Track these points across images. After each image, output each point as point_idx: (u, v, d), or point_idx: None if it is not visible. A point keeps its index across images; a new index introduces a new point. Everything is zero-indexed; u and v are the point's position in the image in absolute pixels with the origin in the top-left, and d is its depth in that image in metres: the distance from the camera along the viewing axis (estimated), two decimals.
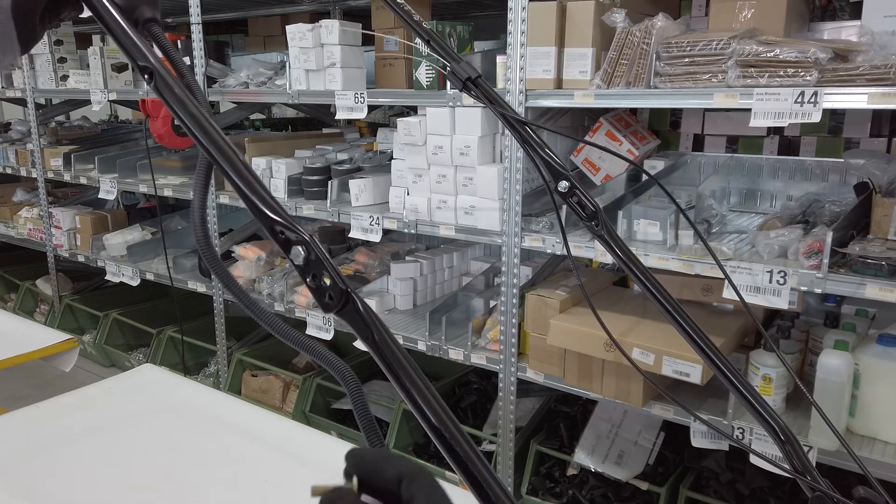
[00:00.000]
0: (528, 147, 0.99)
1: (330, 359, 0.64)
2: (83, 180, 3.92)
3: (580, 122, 2.66)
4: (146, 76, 0.65)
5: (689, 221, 1.13)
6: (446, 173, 2.46)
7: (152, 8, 0.68)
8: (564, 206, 2.08)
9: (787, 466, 0.82)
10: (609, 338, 1.00)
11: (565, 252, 1.05)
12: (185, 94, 0.64)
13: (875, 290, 1.72)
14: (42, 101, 4.43)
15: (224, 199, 3.29)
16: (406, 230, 2.61)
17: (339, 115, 2.68)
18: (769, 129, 2.49)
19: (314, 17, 3.77)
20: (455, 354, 2.54)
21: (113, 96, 3.59)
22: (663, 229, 2.11)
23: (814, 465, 0.81)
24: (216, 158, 0.64)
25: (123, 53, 0.67)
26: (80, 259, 4.06)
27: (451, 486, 1.38)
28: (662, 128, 2.71)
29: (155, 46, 0.69)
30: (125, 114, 6.16)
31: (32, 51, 3.96)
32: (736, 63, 1.86)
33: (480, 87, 1.02)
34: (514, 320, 2.40)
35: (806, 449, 1.84)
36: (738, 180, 2.56)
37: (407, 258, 3.07)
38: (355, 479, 0.51)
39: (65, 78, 3.95)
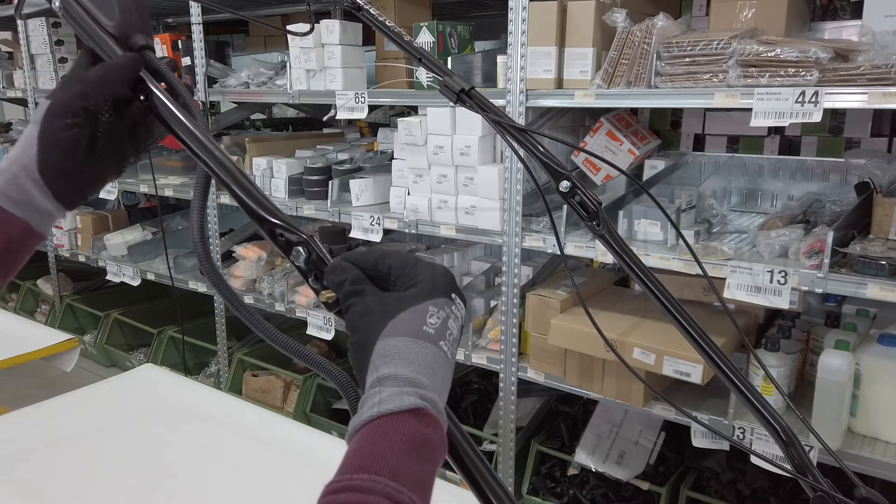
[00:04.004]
0: (526, 151, 0.99)
1: (327, 367, 0.64)
2: None
3: (581, 121, 2.66)
4: (142, 96, 0.70)
5: (674, 226, 1.13)
6: (447, 173, 2.46)
7: (145, 36, 0.73)
8: (565, 208, 2.07)
9: (788, 466, 0.82)
10: (605, 342, 1.00)
11: (565, 256, 1.06)
12: (179, 109, 0.69)
13: (876, 290, 1.72)
14: None
15: (225, 200, 3.29)
16: (407, 230, 2.61)
17: (340, 115, 2.68)
18: (770, 128, 2.49)
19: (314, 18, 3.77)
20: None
21: None
22: (664, 229, 2.11)
23: (815, 464, 0.81)
24: (212, 168, 0.67)
25: None
26: (81, 259, 4.06)
27: (452, 485, 1.38)
28: (663, 127, 2.71)
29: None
30: None
31: (33, 51, 3.96)
32: (737, 63, 1.86)
33: (474, 97, 1.03)
34: (514, 320, 2.40)
35: (807, 449, 1.84)
36: (739, 180, 2.55)
37: None
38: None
39: None
